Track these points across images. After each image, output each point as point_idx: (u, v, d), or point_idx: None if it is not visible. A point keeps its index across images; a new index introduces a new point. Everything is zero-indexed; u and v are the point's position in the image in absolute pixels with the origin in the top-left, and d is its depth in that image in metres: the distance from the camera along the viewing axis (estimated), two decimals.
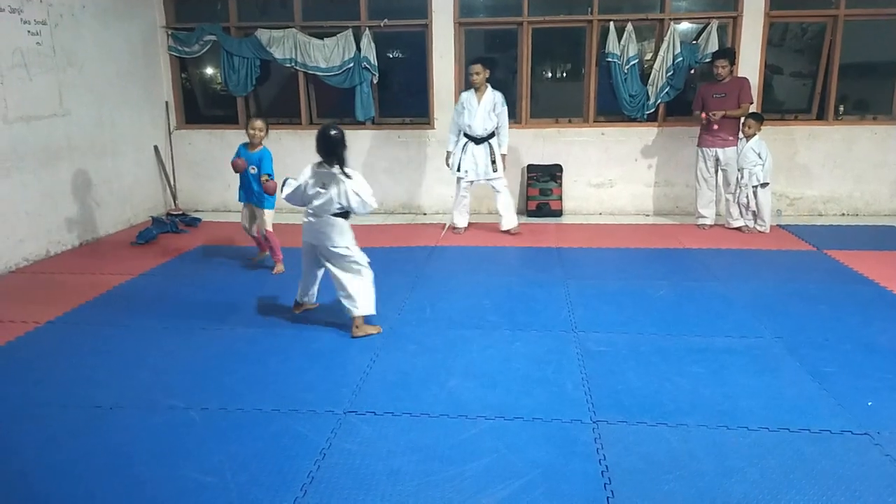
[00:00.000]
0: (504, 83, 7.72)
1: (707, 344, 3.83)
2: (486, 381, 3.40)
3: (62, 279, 5.22)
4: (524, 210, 7.40)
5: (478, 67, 6.20)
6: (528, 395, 3.25)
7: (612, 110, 7.31)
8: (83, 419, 3.07)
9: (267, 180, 5.00)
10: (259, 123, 5.10)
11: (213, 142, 7.69)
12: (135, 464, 2.70)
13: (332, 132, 3.82)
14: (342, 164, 3.83)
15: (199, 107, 8.08)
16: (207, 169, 7.71)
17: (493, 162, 6.33)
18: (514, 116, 7.42)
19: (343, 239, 3.89)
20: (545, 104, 7.52)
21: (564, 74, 7.95)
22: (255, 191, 5.18)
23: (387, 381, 3.41)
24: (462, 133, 6.34)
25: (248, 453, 2.76)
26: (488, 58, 6.53)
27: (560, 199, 7.30)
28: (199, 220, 7.10)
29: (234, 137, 7.61)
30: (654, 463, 2.67)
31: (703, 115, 6.40)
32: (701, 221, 6.73)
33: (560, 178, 7.27)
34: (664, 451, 2.76)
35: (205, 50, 7.43)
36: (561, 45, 7.66)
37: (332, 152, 3.82)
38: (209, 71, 8.04)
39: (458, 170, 6.38)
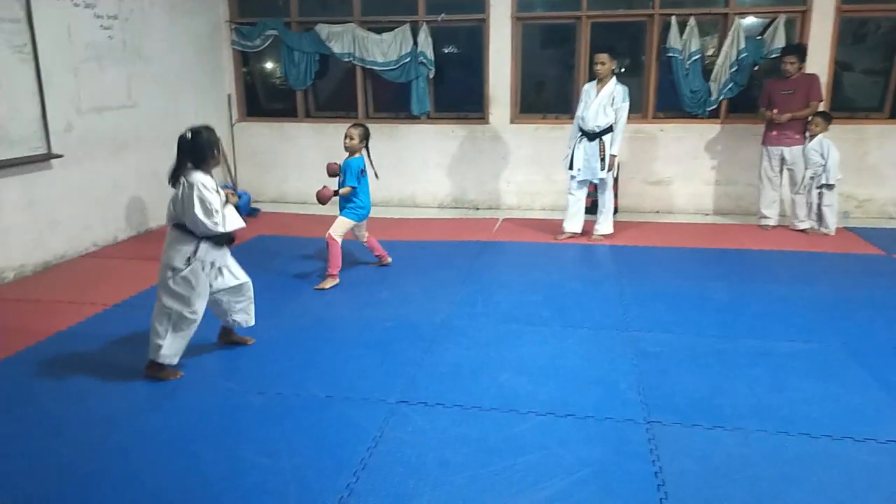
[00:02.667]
0: (560, 79, 7.67)
1: (768, 347, 3.72)
2: (538, 377, 3.38)
3: (128, 264, 5.43)
4: None
5: (603, 57, 5.71)
6: (580, 392, 3.22)
7: (672, 106, 7.16)
8: (146, 398, 3.19)
9: (324, 188, 4.73)
10: (350, 130, 4.81)
11: (272, 135, 7.86)
12: (194, 443, 2.80)
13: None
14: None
15: (260, 100, 8.27)
16: (266, 161, 7.88)
17: (602, 159, 5.82)
18: (568, 112, 7.36)
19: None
20: None
21: (622, 70, 7.81)
22: (345, 200, 4.92)
23: (438, 373, 3.43)
24: (579, 128, 5.90)
25: (302, 437, 2.82)
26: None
27: (616, 196, 7.17)
28: (258, 210, 7.28)
29: (292, 130, 7.78)
30: (710, 466, 2.61)
31: (773, 111, 6.18)
32: (763, 222, 6.53)
33: (616, 175, 7.13)
34: (720, 454, 2.69)
35: (266, 44, 7.59)
36: (620, 40, 7.52)
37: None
38: (269, 65, 8.21)
39: (571, 167, 5.96)
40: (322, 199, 4.72)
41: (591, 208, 7.14)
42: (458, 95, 7.74)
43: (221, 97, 7.72)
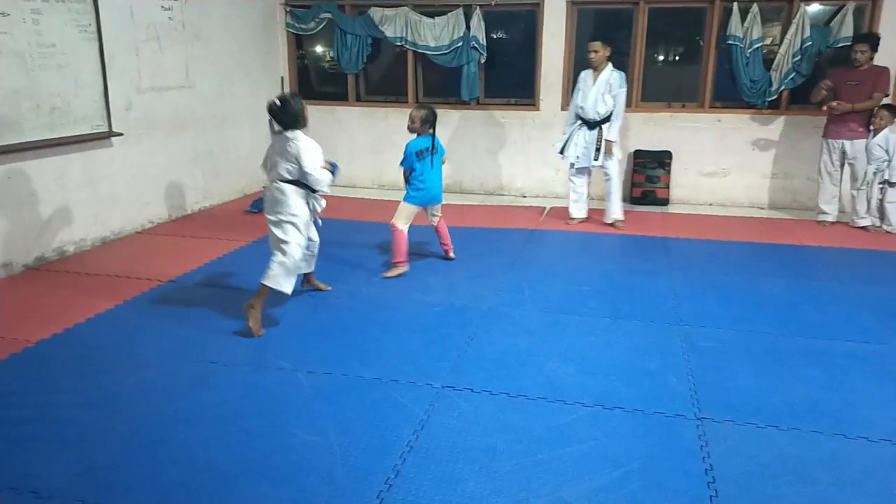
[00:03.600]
0: (614, 64, 7.51)
1: (825, 347, 3.61)
2: (585, 368, 3.35)
3: (183, 241, 5.56)
4: (628, 197, 7.19)
5: (596, 45, 5.78)
6: (629, 385, 3.18)
7: (730, 96, 6.95)
8: (201, 373, 3.27)
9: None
10: (412, 112, 4.65)
11: (323, 118, 7.91)
12: (245, 418, 2.86)
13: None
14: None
15: (312, 83, 8.34)
16: (318, 143, 7.93)
17: (598, 149, 5.85)
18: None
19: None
20: (657, 88, 7.25)
21: (678, 57, 7.63)
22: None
23: (484, 360, 3.43)
24: (577, 116, 5.94)
25: (350, 418, 2.86)
26: (606, 35, 5.99)
27: (667, 186, 7.04)
28: None
29: (343, 114, 7.83)
30: (763, 466, 2.55)
31: (835, 102, 5.95)
32: (822, 218, 6.32)
33: (669, 165, 7.01)
34: (774, 454, 2.63)
35: (320, 27, 7.64)
36: (677, 27, 7.34)
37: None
38: (321, 48, 8.26)
39: (562, 152, 6.02)
40: None
41: (641, 199, 7.04)
42: (509, 81, 7.67)
43: (275, 79, 7.81)
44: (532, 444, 2.68)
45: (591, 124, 5.86)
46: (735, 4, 6.59)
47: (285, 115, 3.72)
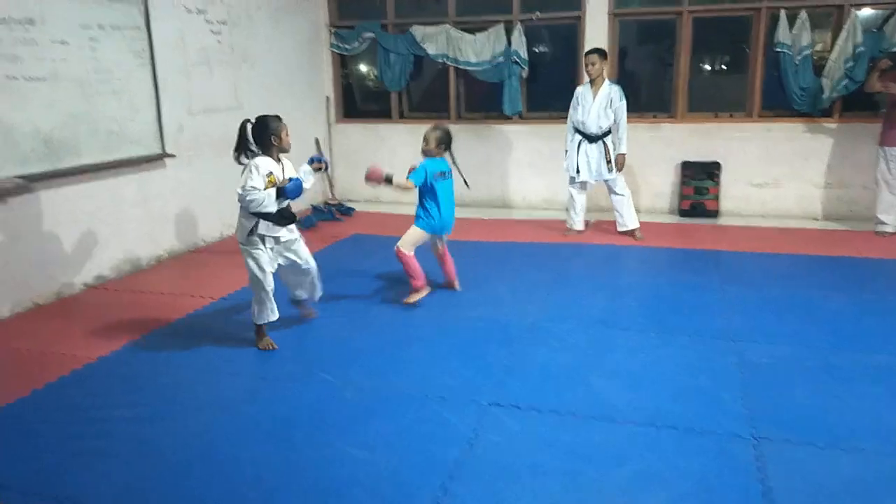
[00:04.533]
0: (657, 77, 7.44)
1: (887, 362, 3.46)
2: (634, 385, 3.28)
3: (233, 259, 5.67)
4: (677, 209, 7.06)
5: (593, 58, 5.73)
6: (681, 403, 3.10)
7: (780, 104, 6.79)
8: (249, 388, 3.33)
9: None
10: (426, 133, 4.45)
11: (367, 135, 8.03)
12: (292, 432, 2.89)
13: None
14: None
15: (356, 102, 8.47)
16: (361, 161, 7.96)
17: (609, 162, 5.86)
18: (668, 111, 7.12)
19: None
20: (703, 98, 7.13)
21: (725, 66, 7.50)
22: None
23: (529, 376, 3.39)
24: (576, 130, 5.94)
25: (395, 433, 2.86)
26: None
27: (717, 198, 6.89)
28: (353, 209, 7.46)
29: (386, 131, 7.92)
30: (824, 489, 2.45)
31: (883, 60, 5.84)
32: (880, 228, 6.09)
33: (718, 176, 6.86)
34: (835, 477, 2.52)
35: (363, 47, 7.76)
36: (723, 35, 7.22)
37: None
38: (365, 67, 8.39)
39: (576, 171, 5.96)
40: (369, 176, 4.32)
41: (690, 211, 6.90)
42: (552, 95, 7.64)
43: (320, 99, 7.96)
44: (581, 463, 2.63)
45: (593, 138, 5.88)
46: (783, 11, 6.45)
47: (259, 134, 3.65)
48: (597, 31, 6.99)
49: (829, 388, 3.20)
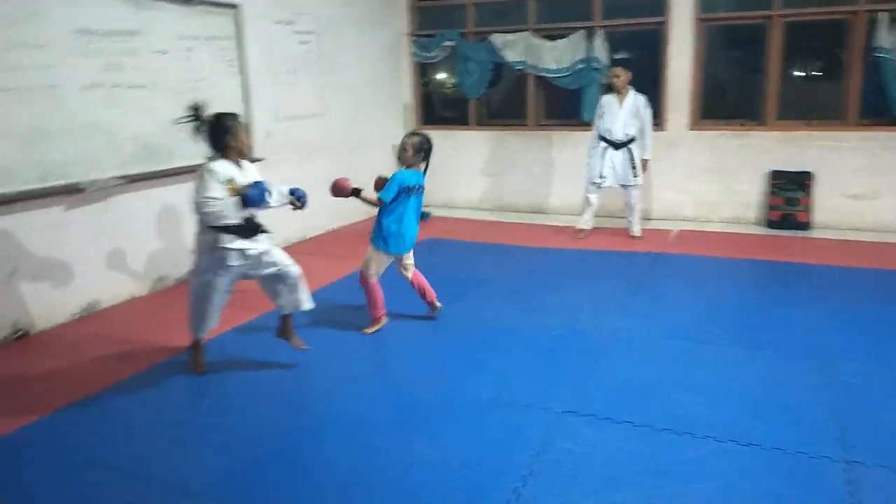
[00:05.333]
0: (745, 83, 7.17)
1: None
2: (717, 401, 3.16)
3: (317, 259, 5.85)
4: (764, 220, 6.78)
5: (618, 70, 6.10)
6: (766, 421, 2.97)
7: (880, 112, 6.41)
8: (329, 387, 3.41)
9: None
10: (405, 140, 4.04)
11: (444, 142, 8.08)
12: (369, 432, 2.94)
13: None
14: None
15: (434, 109, 8.57)
16: (438, 167, 7.96)
17: (634, 167, 6.14)
18: (758, 118, 6.85)
19: None
20: (795, 105, 6.82)
21: (817, 72, 7.15)
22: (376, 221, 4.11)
23: (607, 387, 3.33)
24: (600, 137, 6.22)
25: (468, 436, 2.87)
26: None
27: (808, 210, 6.57)
28: (429, 213, 7.54)
29: (463, 138, 7.98)
30: None
31: None
32: None
33: (809, 186, 6.54)
34: None
35: (444, 55, 7.85)
36: (816, 40, 6.89)
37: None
38: (443, 75, 8.48)
39: (600, 176, 6.24)
40: (335, 191, 3.90)
41: (779, 223, 6.61)
42: None
43: (399, 106, 8.10)
44: (657, 478, 2.56)
45: (618, 145, 6.14)
46: (883, 14, 6.10)
47: (214, 134, 3.26)
48: (681, 36, 6.82)
49: None
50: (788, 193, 6.58)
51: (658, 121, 7.14)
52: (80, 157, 4.34)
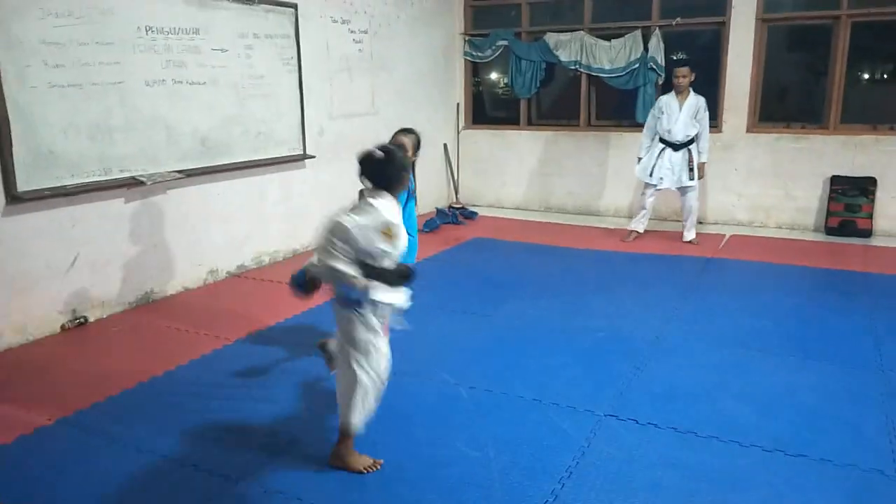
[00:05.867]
0: (807, 84, 6.94)
1: None
2: (765, 409, 3.09)
3: None
4: (822, 227, 6.56)
5: (684, 70, 5.95)
6: (816, 431, 2.88)
7: None
8: None
9: None
10: (399, 138, 3.58)
11: (494, 141, 8.11)
12: (411, 426, 2.98)
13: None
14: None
15: (485, 108, 8.58)
16: (487, 166, 8.16)
17: (692, 169, 6.04)
18: (819, 121, 6.64)
19: None
20: (859, 109, 6.57)
21: (886, 75, 6.87)
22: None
23: (651, 392, 3.28)
24: (658, 138, 6.09)
25: (509, 436, 2.87)
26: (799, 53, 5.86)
27: (870, 216, 6.32)
28: (476, 213, 7.56)
29: (513, 137, 7.97)
30: None
31: None
32: None
33: (873, 192, 6.30)
34: None
35: (496, 55, 7.85)
36: (885, 41, 6.62)
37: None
38: (495, 75, 8.48)
39: (651, 175, 6.13)
40: None
41: (838, 229, 6.39)
42: None
43: (451, 106, 8.14)
44: (702, 484, 2.52)
45: (678, 146, 6.03)
46: None
47: (388, 171, 2.63)
48: (742, 37, 6.65)
49: None
50: (849, 199, 6.35)
51: (714, 122, 6.98)
52: (141, 151, 4.51)
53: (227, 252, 5.30)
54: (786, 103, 7.11)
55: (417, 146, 3.58)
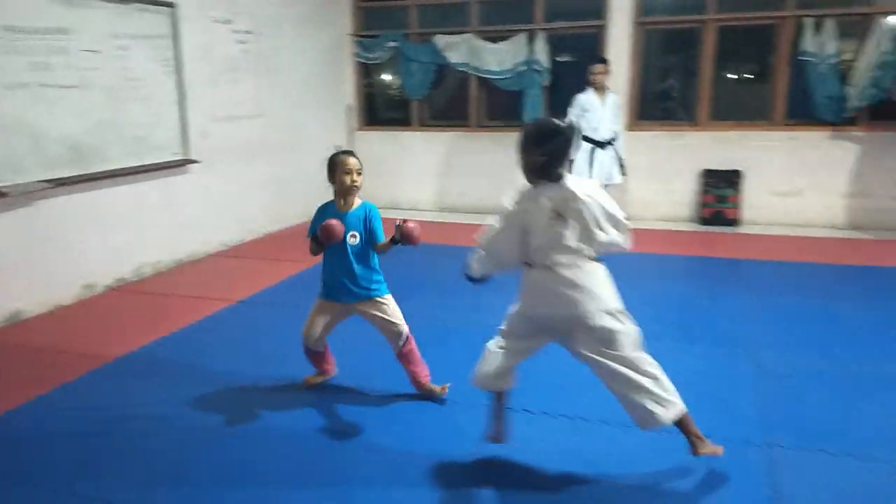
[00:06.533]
0: (679, 85, 7.40)
1: None
2: None
3: (254, 264, 5.78)
4: (697, 218, 7.01)
5: (601, 67, 5.95)
6: (696, 410, 3.00)
7: (805, 113, 6.71)
8: (269, 394, 3.37)
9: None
10: (353, 162, 3.14)
11: (387, 143, 8.11)
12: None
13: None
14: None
15: (377, 110, 8.56)
16: (381, 168, 8.11)
17: (621, 166, 6.08)
18: (691, 119, 7.08)
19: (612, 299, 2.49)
20: (726, 106, 7.08)
21: (749, 75, 7.44)
22: (358, 275, 3.20)
23: (541, 382, 3.34)
24: (584, 138, 5.90)
25: (409, 434, 2.88)
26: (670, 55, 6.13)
27: (737, 207, 6.83)
28: None
29: (406, 139, 7.99)
30: (835, 495, 2.42)
31: None
32: None
33: (739, 184, 6.80)
34: (848, 483, 2.49)
35: (387, 56, 7.85)
36: (747, 44, 7.17)
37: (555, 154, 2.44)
38: (387, 76, 8.48)
39: (591, 177, 5.94)
40: (333, 233, 3.01)
41: (711, 219, 6.84)
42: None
43: (342, 107, 8.06)
44: (590, 468, 2.63)
45: (604, 144, 6.00)
46: (809, 19, 6.39)
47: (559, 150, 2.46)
48: (619, 40, 6.99)
49: (845, 397, 3.16)
50: (719, 191, 6.83)
51: None
52: (3, 159, 4.18)
53: (106, 265, 5.00)
54: (662, 102, 7.54)
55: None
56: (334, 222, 2.99)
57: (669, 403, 2.42)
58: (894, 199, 6.35)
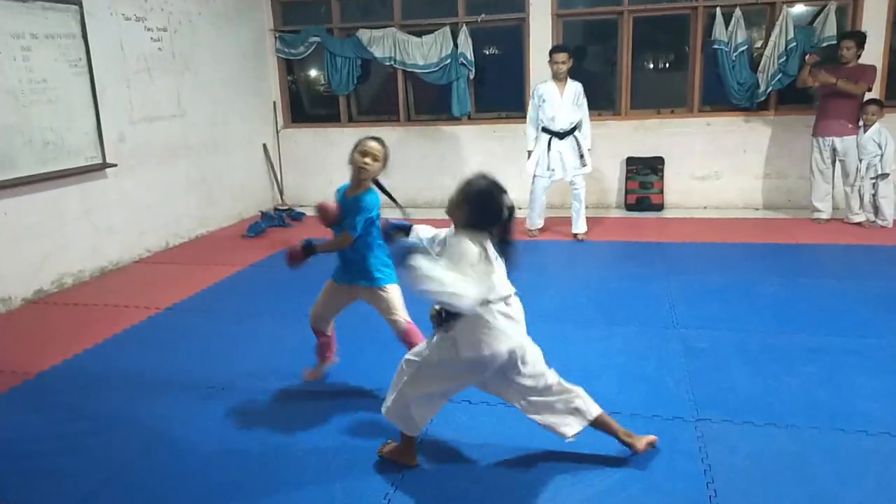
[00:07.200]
0: (601, 75, 7.59)
1: (821, 343, 3.61)
2: (583, 377, 3.24)
3: (180, 269, 5.59)
4: (623, 204, 7.22)
5: (563, 56, 5.78)
6: (627, 391, 3.18)
7: (719, 100, 7.01)
8: (203, 397, 3.28)
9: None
10: (371, 146, 3.07)
11: (316, 139, 7.99)
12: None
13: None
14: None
15: (304, 106, 8.42)
16: (311, 166, 8.02)
17: (582, 156, 5.92)
18: (612, 108, 7.28)
19: None
20: (646, 95, 7.31)
21: (666, 64, 7.70)
22: (359, 260, 3.13)
23: None
24: (541, 128, 5.92)
25: (345, 426, 2.87)
26: (580, 47, 6.15)
27: (661, 192, 7.08)
28: (303, 214, 7.41)
29: (335, 135, 7.90)
30: (761, 464, 2.55)
31: (809, 55, 6.11)
32: (816, 216, 6.34)
33: (661, 170, 7.05)
34: (772, 452, 2.63)
35: (310, 51, 7.72)
36: (663, 34, 7.42)
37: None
38: (313, 72, 8.35)
39: (548, 168, 5.95)
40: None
41: (636, 205, 7.06)
42: (500, 95, 7.73)
43: (267, 104, 7.89)
44: (527, 453, 2.68)
45: (563, 134, 5.89)
46: (718, 10, 6.67)
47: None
48: (541, 32, 7.10)
49: (767, 369, 3.32)
50: (642, 178, 7.05)
51: (523, 113, 7.40)
52: None
53: (21, 277, 4.74)
54: (586, 92, 7.69)
55: (387, 156, 3.15)
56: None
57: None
58: (803, 179, 6.70)
